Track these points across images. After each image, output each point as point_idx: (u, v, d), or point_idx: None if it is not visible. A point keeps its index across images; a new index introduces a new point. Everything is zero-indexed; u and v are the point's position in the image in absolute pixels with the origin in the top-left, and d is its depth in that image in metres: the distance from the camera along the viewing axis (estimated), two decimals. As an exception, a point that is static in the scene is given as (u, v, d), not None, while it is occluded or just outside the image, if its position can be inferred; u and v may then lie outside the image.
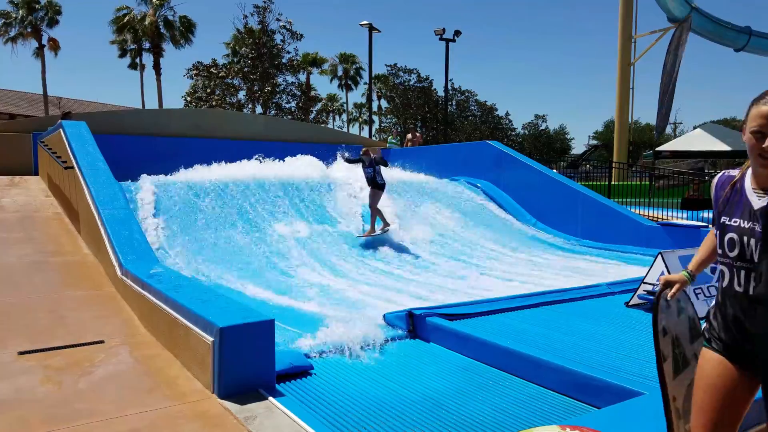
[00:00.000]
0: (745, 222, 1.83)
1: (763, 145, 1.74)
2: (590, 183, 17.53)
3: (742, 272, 1.82)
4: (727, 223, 1.87)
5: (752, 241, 1.78)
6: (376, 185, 9.87)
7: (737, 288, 1.84)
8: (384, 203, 10.58)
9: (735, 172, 1.96)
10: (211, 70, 32.36)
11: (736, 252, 1.84)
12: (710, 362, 1.93)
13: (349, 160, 10.80)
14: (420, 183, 13.49)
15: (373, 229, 9.98)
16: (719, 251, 1.91)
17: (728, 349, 1.91)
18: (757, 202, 1.82)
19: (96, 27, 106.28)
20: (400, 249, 10.00)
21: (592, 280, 7.38)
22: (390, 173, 14.11)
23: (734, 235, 1.84)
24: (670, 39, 25.54)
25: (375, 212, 9.98)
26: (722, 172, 2.02)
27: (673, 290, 2.02)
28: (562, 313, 5.64)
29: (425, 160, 15.73)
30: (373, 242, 10.08)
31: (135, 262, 5.47)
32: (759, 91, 1.83)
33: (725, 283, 1.89)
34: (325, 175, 12.36)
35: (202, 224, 9.27)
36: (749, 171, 1.91)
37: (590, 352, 4.38)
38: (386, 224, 10.03)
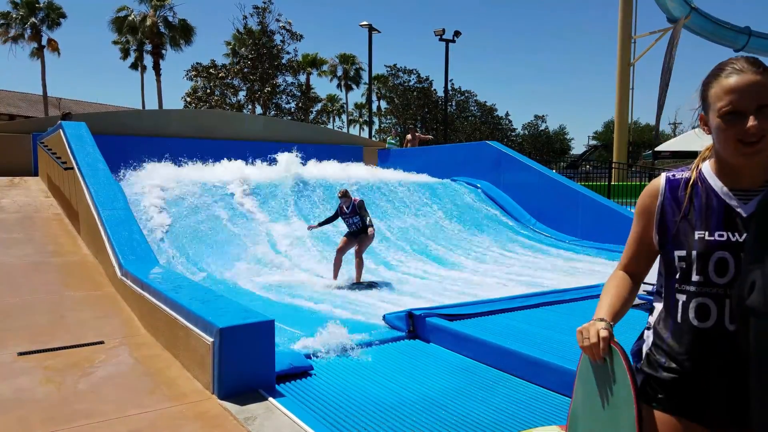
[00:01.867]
0: (735, 235, 1.35)
1: (747, 125, 1.29)
2: (590, 183, 17.54)
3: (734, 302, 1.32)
4: (707, 238, 1.38)
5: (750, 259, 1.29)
6: (370, 229, 7.83)
7: (729, 326, 1.34)
8: (384, 206, 10.53)
9: (685, 174, 1.50)
10: (210, 71, 32.36)
11: (729, 276, 1.35)
12: (668, 426, 1.45)
13: (321, 223, 8.36)
14: (419, 184, 13.49)
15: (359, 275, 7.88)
16: (696, 278, 1.39)
17: (685, 405, 1.43)
18: (744, 207, 1.37)
19: (96, 28, 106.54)
20: (399, 250, 10.00)
21: (592, 280, 7.38)
22: (390, 174, 14.14)
23: (726, 254, 1.35)
24: (669, 39, 25.66)
25: (361, 259, 7.93)
26: (664, 174, 1.55)
27: (605, 344, 1.43)
28: (562, 313, 5.63)
29: (424, 160, 15.73)
30: (372, 243, 10.06)
31: (135, 263, 5.47)
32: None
33: (709, 322, 1.38)
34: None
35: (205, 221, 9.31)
36: (706, 169, 1.47)
37: (590, 353, 4.37)
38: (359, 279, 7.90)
